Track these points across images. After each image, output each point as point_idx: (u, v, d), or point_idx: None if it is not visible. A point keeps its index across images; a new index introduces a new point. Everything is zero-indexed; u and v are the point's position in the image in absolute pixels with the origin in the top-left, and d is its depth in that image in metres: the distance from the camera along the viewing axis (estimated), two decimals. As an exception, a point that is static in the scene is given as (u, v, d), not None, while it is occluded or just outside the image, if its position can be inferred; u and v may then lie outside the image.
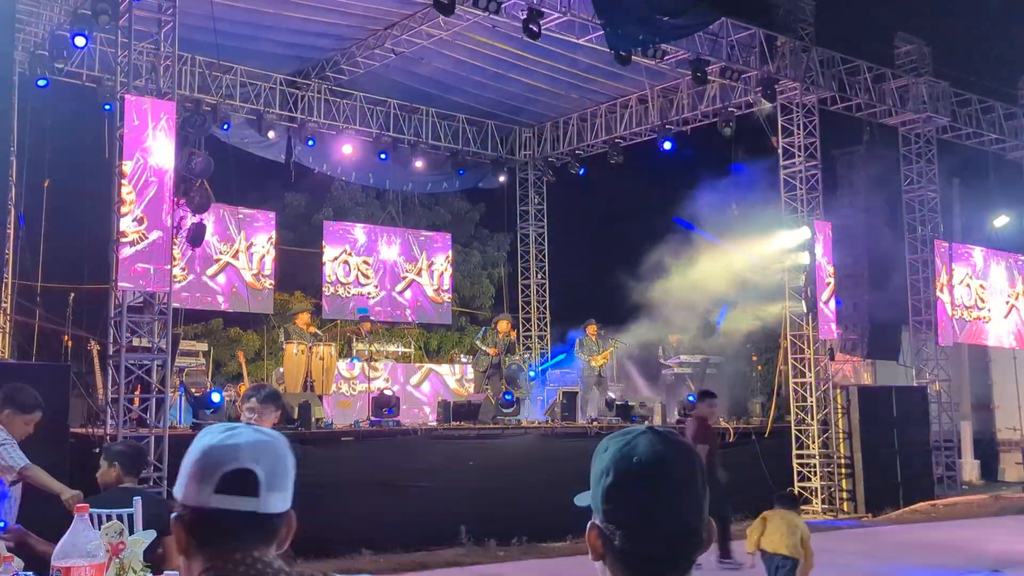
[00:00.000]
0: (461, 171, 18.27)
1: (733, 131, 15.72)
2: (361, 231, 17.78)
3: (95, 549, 2.85)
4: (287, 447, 1.67)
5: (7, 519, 4.69)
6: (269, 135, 15.86)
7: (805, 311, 14.74)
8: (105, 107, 12.40)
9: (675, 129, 16.86)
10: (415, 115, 17.37)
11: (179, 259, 13.32)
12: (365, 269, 17.38)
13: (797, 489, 13.86)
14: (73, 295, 12.69)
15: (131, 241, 9.96)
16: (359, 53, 14.99)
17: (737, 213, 16.40)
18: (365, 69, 15.37)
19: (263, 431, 1.67)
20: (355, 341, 16.41)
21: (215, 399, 11.09)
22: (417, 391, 16.17)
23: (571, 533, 10.57)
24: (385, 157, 17.02)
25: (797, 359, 14.86)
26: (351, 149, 16.77)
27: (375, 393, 13.15)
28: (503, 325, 14.85)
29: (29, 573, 3.60)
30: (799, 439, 14.67)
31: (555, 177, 19.12)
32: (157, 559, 3.70)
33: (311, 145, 16.39)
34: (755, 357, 18.07)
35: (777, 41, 14.61)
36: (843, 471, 14.79)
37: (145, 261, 10.02)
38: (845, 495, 14.78)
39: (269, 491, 1.59)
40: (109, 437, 9.20)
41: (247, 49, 14.58)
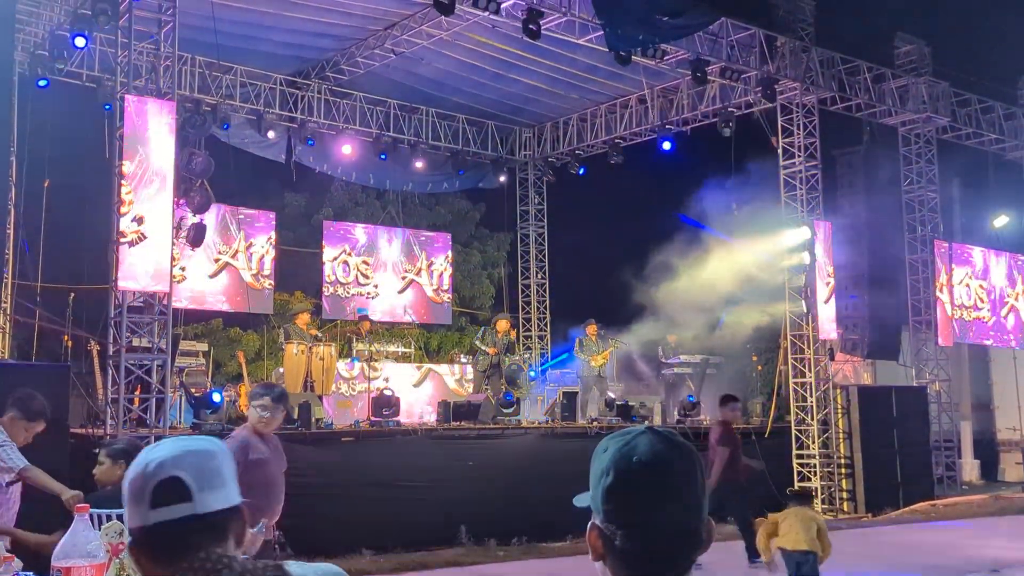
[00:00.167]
0: (461, 171, 18.27)
1: (733, 131, 15.72)
2: (361, 231, 17.78)
3: (95, 549, 2.85)
4: (213, 445, 1.70)
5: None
6: (269, 135, 15.87)
7: (805, 311, 14.75)
8: (105, 107, 12.39)
9: (675, 129, 16.86)
10: (415, 115, 17.37)
11: (179, 259, 13.32)
12: (365, 269, 17.38)
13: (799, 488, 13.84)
14: (73, 295, 12.68)
15: (131, 241, 9.96)
16: (359, 53, 14.99)
17: (737, 213, 16.40)
18: (365, 69, 15.37)
19: (182, 439, 1.72)
20: (355, 341, 16.39)
21: (215, 399, 11.10)
22: (417, 391, 16.15)
23: (571, 533, 10.58)
24: (385, 157, 17.02)
25: (797, 359, 14.86)
26: (351, 149, 16.77)
27: (375, 393, 13.13)
28: (503, 325, 14.82)
29: (29, 573, 3.60)
30: (799, 439, 14.68)
31: (555, 177, 19.12)
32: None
33: (311, 145, 16.39)
34: (755, 357, 18.08)
35: (777, 41, 14.61)
36: (843, 471, 14.80)
37: (145, 261, 10.03)
38: (845, 495, 14.79)
39: (202, 491, 1.61)
40: (109, 437, 9.20)
41: (247, 49, 14.58)
